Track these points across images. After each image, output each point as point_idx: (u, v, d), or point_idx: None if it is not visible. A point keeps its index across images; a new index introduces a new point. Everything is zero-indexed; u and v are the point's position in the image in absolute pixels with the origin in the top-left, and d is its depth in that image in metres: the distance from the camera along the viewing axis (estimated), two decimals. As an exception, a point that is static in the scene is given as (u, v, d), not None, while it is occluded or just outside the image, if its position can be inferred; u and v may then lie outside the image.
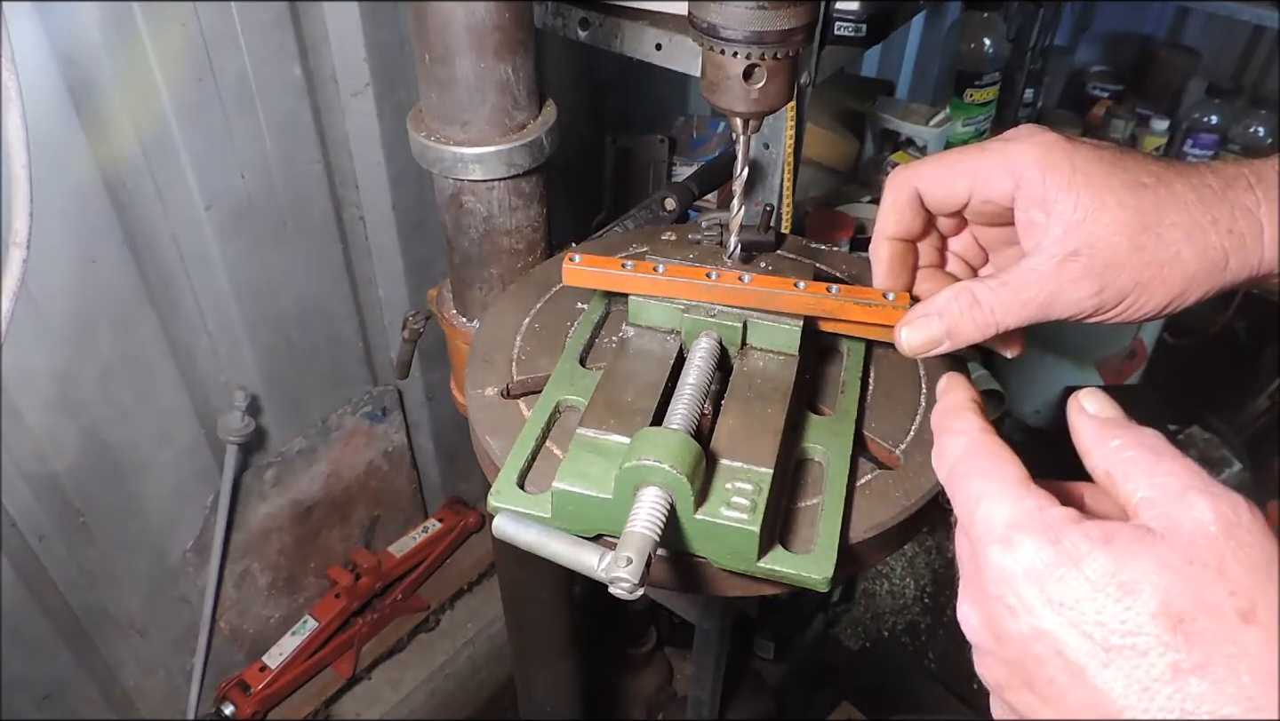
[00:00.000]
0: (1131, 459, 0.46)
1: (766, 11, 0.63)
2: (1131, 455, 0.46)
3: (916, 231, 0.68)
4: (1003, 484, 0.47)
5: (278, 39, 1.31)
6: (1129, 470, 0.46)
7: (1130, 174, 0.57)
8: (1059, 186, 0.57)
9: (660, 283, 0.73)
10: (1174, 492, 0.43)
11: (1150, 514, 0.44)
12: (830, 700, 2.25)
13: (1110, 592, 0.41)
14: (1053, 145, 0.58)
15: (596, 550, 0.57)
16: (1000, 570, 0.44)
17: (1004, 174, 0.60)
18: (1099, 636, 0.41)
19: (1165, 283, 0.56)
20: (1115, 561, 0.42)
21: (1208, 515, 0.41)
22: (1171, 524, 0.42)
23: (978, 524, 0.47)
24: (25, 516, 1.32)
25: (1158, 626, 0.40)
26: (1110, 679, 0.40)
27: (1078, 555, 0.42)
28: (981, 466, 0.49)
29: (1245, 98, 2.23)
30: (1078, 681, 0.41)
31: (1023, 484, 0.47)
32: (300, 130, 1.41)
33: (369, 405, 1.79)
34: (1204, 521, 0.41)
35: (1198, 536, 0.41)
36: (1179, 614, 0.40)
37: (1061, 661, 0.42)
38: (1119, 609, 0.41)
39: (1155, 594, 0.40)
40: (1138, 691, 0.39)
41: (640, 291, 0.75)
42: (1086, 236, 0.56)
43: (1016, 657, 0.44)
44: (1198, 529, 0.41)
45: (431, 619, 1.99)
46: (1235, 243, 0.55)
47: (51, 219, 1.14)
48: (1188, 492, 0.43)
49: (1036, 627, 0.43)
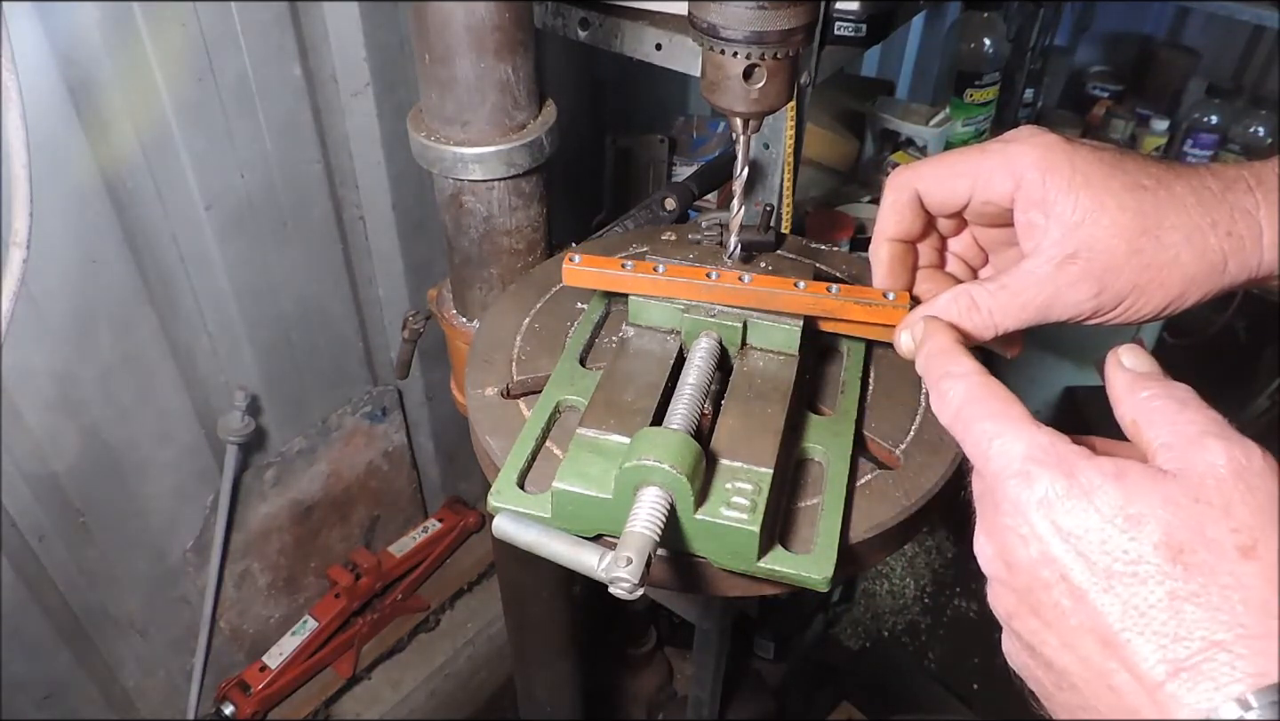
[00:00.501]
0: (1158, 408, 0.48)
1: (766, 11, 0.63)
2: (1158, 405, 0.48)
3: (917, 232, 0.68)
4: (1014, 422, 0.49)
5: (278, 39, 1.31)
6: (1153, 418, 0.48)
7: (1130, 176, 0.57)
8: (1058, 188, 0.57)
9: (660, 282, 0.73)
10: (1191, 437, 0.45)
11: (1166, 456, 0.45)
12: (830, 700, 2.25)
13: (1117, 524, 0.43)
14: (1053, 146, 0.58)
15: (596, 550, 0.57)
16: (1015, 502, 0.46)
17: (1004, 175, 0.60)
18: (1103, 564, 0.43)
19: (1164, 285, 0.56)
20: (1124, 496, 0.43)
21: (1220, 458, 0.43)
22: (1185, 466, 0.44)
23: (993, 460, 0.48)
24: (25, 516, 1.32)
25: (1158, 556, 0.42)
26: (1109, 602, 0.42)
27: (1089, 488, 0.44)
28: (990, 408, 0.51)
29: (1245, 98, 2.23)
30: (1079, 604, 0.43)
31: (1033, 421, 0.49)
32: (300, 130, 1.41)
33: (369, 405, 1.79)
34: (1215, 464, 0.43)
35: (1207, 477, 0.43)
36: (1180, 545, 0.41)
37: (1065, 586, 0.44)
38: (1124, 539, 0.43)
39: (1159, 527, 0.42)
40: (1135, 615, 0.41)
41: (640, 291, 0.75)
42: (1085, 239, 0.56)
43: (1025, 585, 0.46)
44: (1209, 470, 0.43)
45: (431, 619, 1.99)
46: (1234, 245, 0.55)
47: (51, 219, 1.14)
48: (1204, 438, 0.45)
49: (1045, 553, 0.45)
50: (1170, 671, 0.40)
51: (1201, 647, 0.40)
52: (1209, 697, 0.39)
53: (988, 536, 0.49)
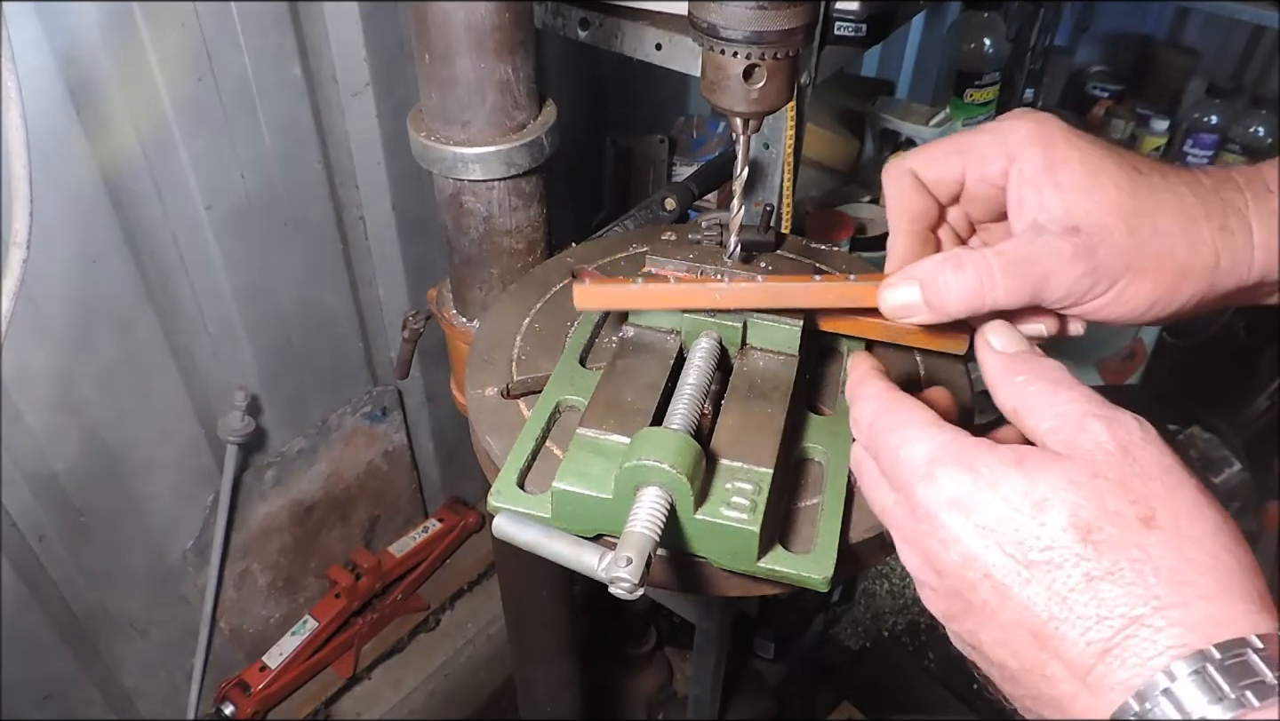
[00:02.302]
0: (1034, 392, 0.49)
1: (766, 11, 0.62)
2: (1035, 389, 0.49)
3: (930, 217, 0.64)
4: (917, 428, 0.50)
5: (278, 39, 1.31)
6: (1032, 404, 0.49)
7: (1124, 159, 0.56)
8: (1052, 163, 0.56)
9: (677, 295, 0.71)
10: (1074, 420, 0.47)
11: (1054, 440, 0.47)
12: (830, 700, 2.25)
13: (1025, 511, 0.44)
14: (1045, 122, 0.58)
15: (596, 550, 0.57)
16: (927, 506, 0.47)
17: (997, 151, 0.59)
18: (1019, 555, 0.44)
19: (1157, 273, 0.55)
20: (1027, 480, 0.45)
21: (1104, 436, 0.45)
22: (1074, 447, 0.45)
23: (901, 469, 0.50)
24: (25, 516, 1.32)
25: (1069, 538, 0.43)
26: (1032, 594, 0.43)
27: (994, 478, 0.46)
28: (895, 419, 0.52)
29: (1245, 98, 2.22)
30: (1005, 600, 0.44)
31: (935, 423, 0.50)
32: (300, 130, 1.41)
33: (369, 405, 1.79)
34: (1102, 442, 0.45)
35: (1097, 454, 0.45)
36: (1087, 524, 0.43)
37: (990, 584, 0.45)
38: (1034, 526, 0.44)
39: (1064, 508, 0.43)
40: (1057, 602, 0.42)
41: (656, 307, 0.73)
42: (1081, 214, 0.55)
43: (953, 587, 0.47)
44: (1097, 449, 0.45)
45: (431, 619, 1.99)
46: (1226, 240, 0.55)
47: (51, 219, 1.14)
48: (1086, 419, 0.46)
49: (965, 554, 0.46)
50: (1098, 653, 0.41)
51: (1123, 625, 0.41)
52: (1136, 673, 0.40)
53: (909, 545, 0.50)
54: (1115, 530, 0.43)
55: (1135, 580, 0.41)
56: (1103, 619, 0.41)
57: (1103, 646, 0.41)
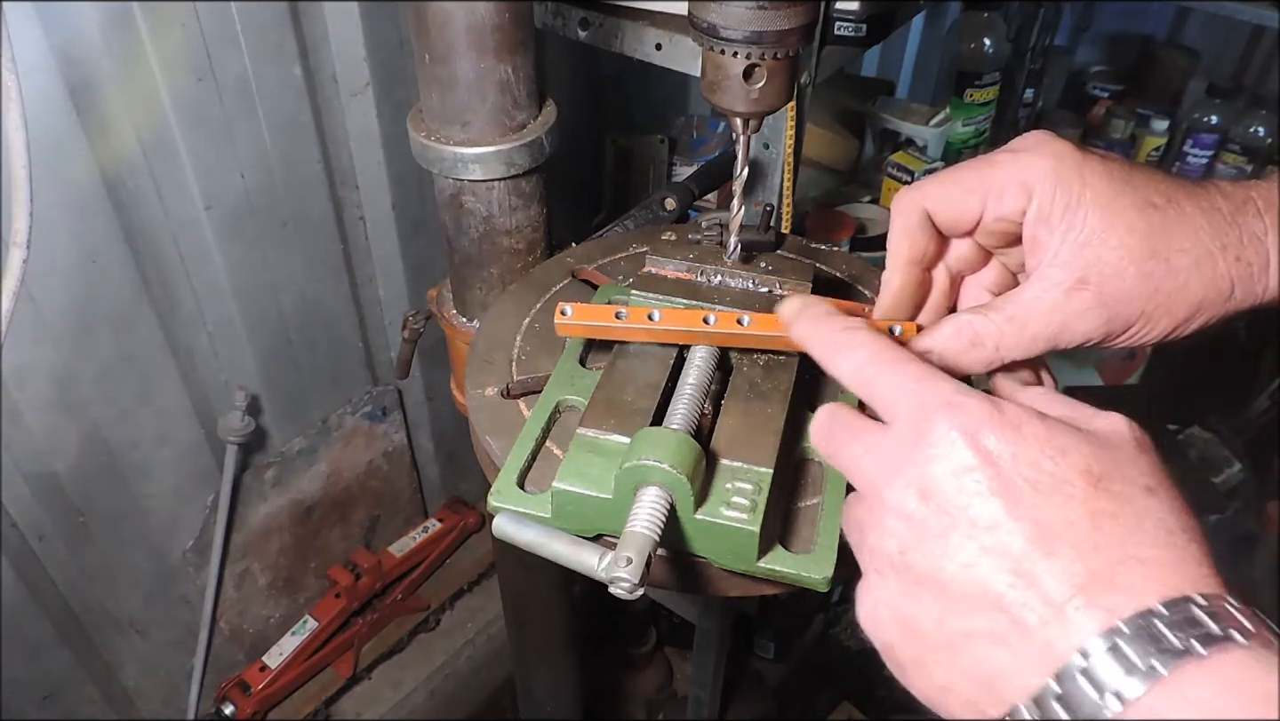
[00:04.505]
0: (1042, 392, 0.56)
1: (766, 11, 0.62)
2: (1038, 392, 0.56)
3: (931, 255, 0.64)
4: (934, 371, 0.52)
5: (278, 39, 1.31)
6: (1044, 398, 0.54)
7: (1140, 193, 0.55)
8: (1068, 204, 0.55)
9: (656, 331, 0.71)
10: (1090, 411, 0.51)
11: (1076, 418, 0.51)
12: (830, 700, 2.25)
13: (1046, 451, 0.46)
14: (1064, 156, 0.56)
15: (596, 550, 0.57)
16: (944, 428, 0.47)
17: (1016, 189, 0.57)
18: (1029, 477, 0.45)
19: (1170, 312, 0.55)
20: (1050, 430, 0.47)
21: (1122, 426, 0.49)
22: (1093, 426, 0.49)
23: (920, 393, 0.50)
24: (25, 516, 1.32)
25: (1082, 481, 0.45)
26: (1038, 509, 0.44)
27: (1018, 421, 0.47)
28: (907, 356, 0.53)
29: (1245, 98, 2.22)
30: (997, 520, 0.45)
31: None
32: (300, 130, 1.41)
33: (369, 405, 1.79)
34: (1119, 429, 0.49)
35: (1112, 434, 0.48)
36: (1099, 475, 0.45)
37: (984, 503, 0.45)
38: (1050, 463, 0.45)
39: (1082, 457, 0.46)
40: (1060, 528, 0.44)
41: (634, 340, 0.73)
42: (1094, 261, 0.54)
43: (938, 507, 0.46)
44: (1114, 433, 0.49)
45: (431, 619, 1.99)
46: (1242, 271, 0.54)
47: (51, 219, 1.14)
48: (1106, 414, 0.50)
49: (968, 468, 0.46)
50: (1079, 586, 0.42)
51: (1120, 558, 0.42)
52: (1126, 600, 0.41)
53: (908, 468, 0.48)
54: (1125, 487, 0.45)
55: (1137, 526, 0.43)
56: (1101, 547, 0.43)
57: (1086, 578, 0.42)
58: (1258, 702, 0.37)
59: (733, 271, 0.77)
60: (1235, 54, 2.44)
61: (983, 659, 0.44)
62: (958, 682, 0.46)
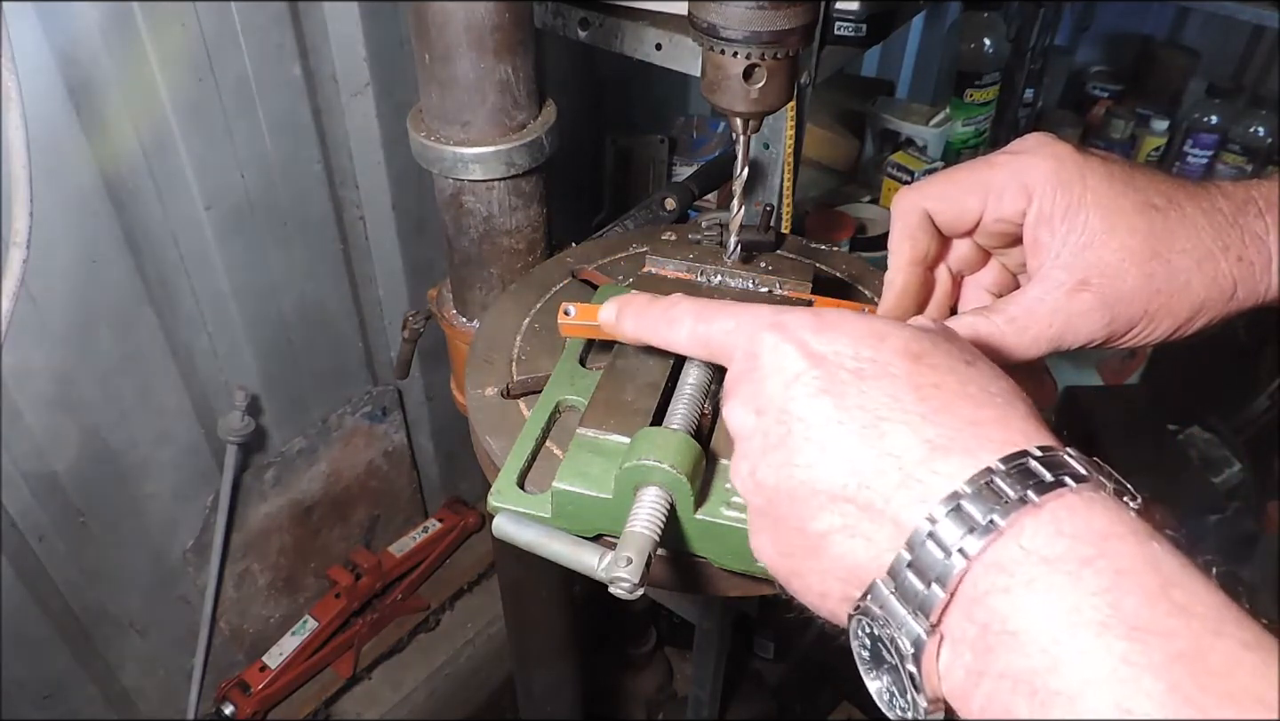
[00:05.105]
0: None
1: (766, 11, 0.62)
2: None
3: (933, 255, 0.64)
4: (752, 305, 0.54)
5: (278, 39, 1.31)
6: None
7: (1141, 194, 0.55)
8: (1069, 206, 0.55)
9: None
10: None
11: None
12: (830, 700, 2.25)
13: (867, 341, 0.47)
14: (1064, 158, 0.56)
15: (596, 550, 0.57)
16: (771, 348, 0.49)
17: (1016, 190, 0.57)
18: (853, 367, 0.46)
19: (1172, 312, 0.55)
20: (868, 321, 0.48)
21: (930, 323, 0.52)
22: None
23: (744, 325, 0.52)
24: (25, 516, 1.32)
25: (902, 360, 0.46)
26: (866, 394, 0.45)
27: (838, 321, 0.49)
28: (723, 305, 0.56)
29: (1245, 98, 2.22)
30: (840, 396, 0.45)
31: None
32: (300, 130, 1.41)
33: (369, 405, 1.79)
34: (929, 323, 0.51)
35: (926, 324, 0.51)
36: (917, 353, 0.46)
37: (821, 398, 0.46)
38: (870, 351, 0.47)
39: (899, 340, 0.47)
40: (889, 405, 0.44)
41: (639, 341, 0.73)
42: (1095, 262, 0.55)
43: (776, 416, 0.47)
44: (927, 323, 0.52)
45: (431, 619, 1.99)
46: (1244, 271, 0.54)
47: (51, 219, 1.14)
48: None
49: (799, 373, 0.47)
50: (920, 456, 0.43)
51: (953, 424, 0.43)
52: (967, 464, 0.42)
53: (743, 387, 0.50)
54: (944, 360, 0.46)
55: (960, 392, 0.44)
56: (929, 418, 0.43)
57: (924, 450, 0.43)
58: (1084, 542, 0.38)
59: (733, 271, 0.77)
60: (1235, 54, 2.44)
61: (844, 553, 0.45)
62: (829, 583, 0.46)
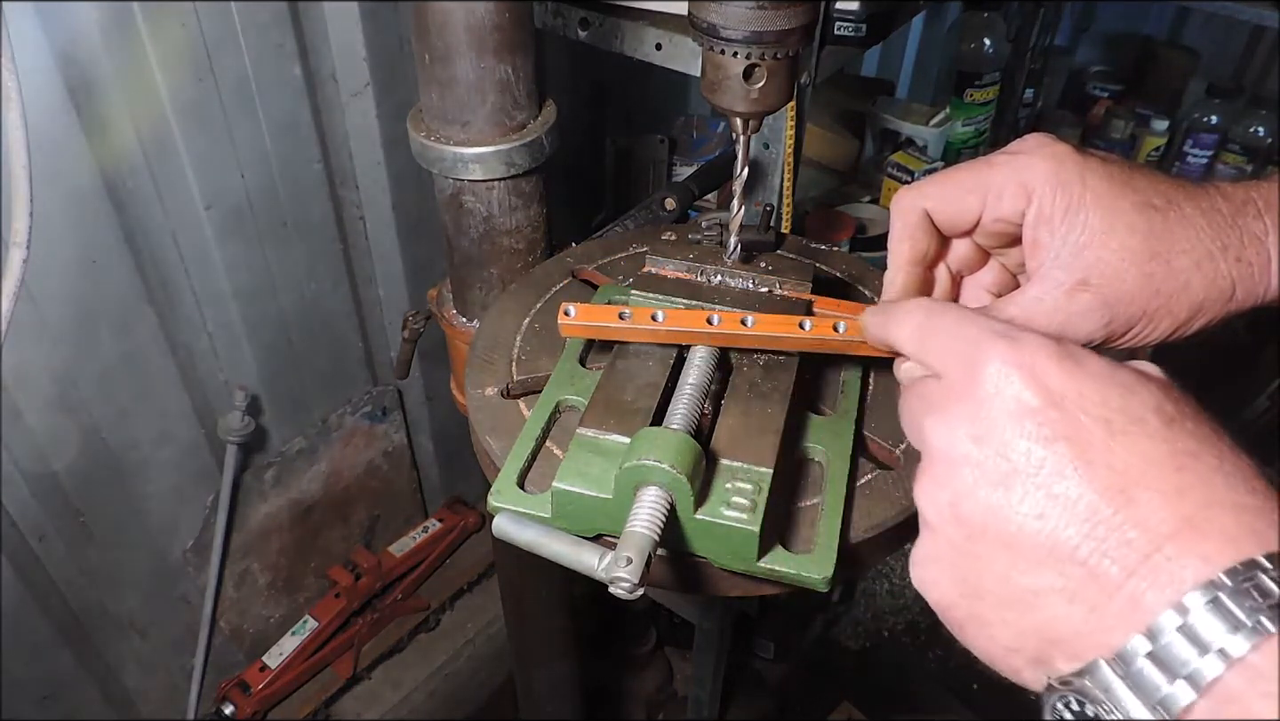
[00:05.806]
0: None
1: (766, 11, 0.62)
2: None
3: (932, 255, 0.64)
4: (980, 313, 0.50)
5: (278, 39, 1.31)
6: None
7: (1140, 194, 0.55)
8: (1068, 206, 0.55)
9: (660, 332, 0.71)
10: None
11: None
12: (830, 700, 2.25)
13: (1114, 388, 0.43)
14: (1064, 159, 0.56)
15: (596, 550, 0.57)
16: (1000, 365, 0.45)
17: (1015, 189, 0.57)
18: (1102, 418, 0.42)
19: (1172, 313, 0.55)
20: (1111, 366, 0.44)
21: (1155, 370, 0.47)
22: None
23: (971, 331, 0.48)
24: (25, 516, 1.32)
25: (1157, 419, 0.42)
26: (1118, 455, 0.41)
27: (1079, 355, 0.44)
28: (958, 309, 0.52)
29: (1245, 98, 2.22)
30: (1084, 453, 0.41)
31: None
32: (300, 130, 1.41)
33: (369, 405, 1.79)
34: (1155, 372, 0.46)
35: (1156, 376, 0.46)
36: (1171, 415, 0.42)
37: (1048, 443, 0.42)
38: (1120, 400, 0.43)
39: (1150, 395, 0.43)
40: (1141, 466, 0.41)
41: (637, 340, 0.72)
42: (1095, 262, 0.55)
43: (999, 450, 0.43)
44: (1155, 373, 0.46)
45: (431, 619, 1.99)
46: (1243, 271, 0.54)
47: (51, 219, 1.14)
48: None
49: (1031, 409, 0.43)
50: (1170, 531, 0.39)
51: (1210, 502, 0.40)
52: (1219, 555, 0.38)
53: (958, 406, 0.46)
54: (1198, 427, 0.42)
55: (1217, 469, 0.41)
56: (1186, 492, 0.40)
57: (1177, 525, 0.39)
58: None
59: (733, 271, 0.77)
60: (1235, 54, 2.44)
61: (1055, 616, 0.41)
62: (1025, 641, 0.43)
